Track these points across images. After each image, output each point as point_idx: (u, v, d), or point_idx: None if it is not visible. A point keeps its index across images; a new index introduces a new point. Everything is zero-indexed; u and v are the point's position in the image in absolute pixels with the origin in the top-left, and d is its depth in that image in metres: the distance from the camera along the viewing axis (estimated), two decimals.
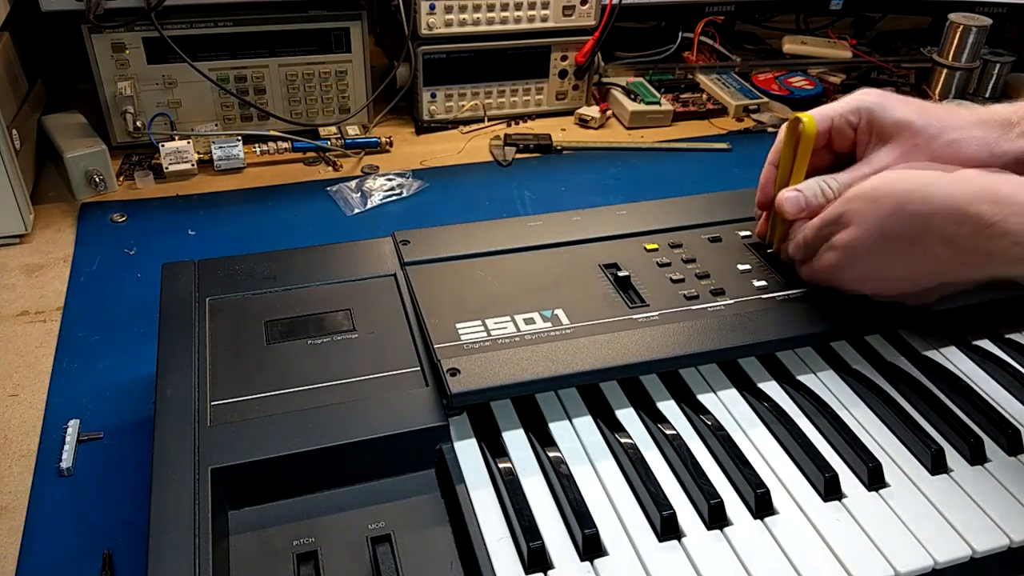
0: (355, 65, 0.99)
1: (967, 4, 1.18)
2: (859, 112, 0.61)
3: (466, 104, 1.06)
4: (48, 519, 0.55)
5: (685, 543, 0.48)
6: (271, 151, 0.97)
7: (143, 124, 0.94)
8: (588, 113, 1.08)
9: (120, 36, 0.90)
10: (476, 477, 0.51)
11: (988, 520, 0.50)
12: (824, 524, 0.49)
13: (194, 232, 0.84)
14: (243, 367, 0.55)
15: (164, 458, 0.48)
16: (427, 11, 0.97)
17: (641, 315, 0.59)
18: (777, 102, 1.14)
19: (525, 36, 1.03)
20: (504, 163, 0.99)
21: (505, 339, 0.56)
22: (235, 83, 0.96)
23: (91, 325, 0.71)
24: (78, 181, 0.88)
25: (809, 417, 0.57)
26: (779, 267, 0.64)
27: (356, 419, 0.51)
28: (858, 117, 0.61)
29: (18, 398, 0.64)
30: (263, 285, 0.61)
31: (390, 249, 0.65)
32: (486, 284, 0.61)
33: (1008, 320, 0.67)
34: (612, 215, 0.70)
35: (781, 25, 1.35)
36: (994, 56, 1.16)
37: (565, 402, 0.57)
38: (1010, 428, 0.55)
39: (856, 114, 0.62)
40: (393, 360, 0.56)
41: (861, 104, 0.61)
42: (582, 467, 0.52)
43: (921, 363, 0.61)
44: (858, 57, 1.24)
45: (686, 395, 0.58)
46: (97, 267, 0.79)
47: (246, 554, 0.47)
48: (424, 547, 0.48)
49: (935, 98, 1.17)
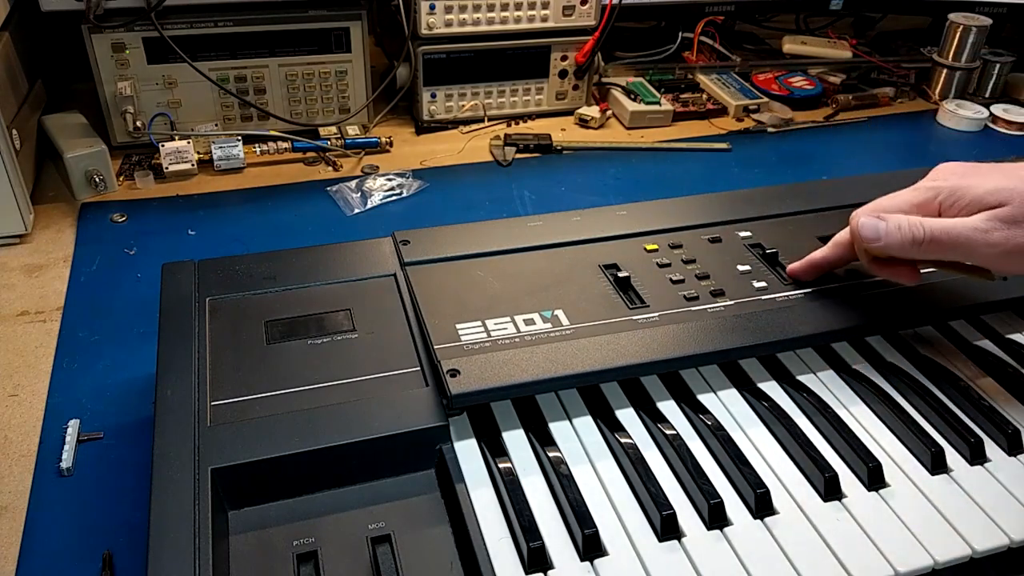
0: (355, 65, 0.99)
1: (967, 4, 1.18)
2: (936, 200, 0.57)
3: (466, 104, 1.06)
4: (48, 519, 0.55)
5: (685, 543, 0.48)
6: (271, 151, 0.97)
7: (143, 124, 0.94)
8: (588, 113, 1.08)
9: (120, 36, 0.90)
10: (476, 477, 0.51)
11: (988, 520, 0.50)
12: (824, 524, 0.49)
13: (194, 232, 0.84)
14: (243, 367, 0.55)
15: (164, 458, 0.48)
16: (427, 11, 0.97)
17: (641, 316, 0.59)
18: (777, 102, 1.14)
19: (525, 36, 1.03)
20: (504, 163, 0.99)
21: (505, 340, 0.56)
22: (235, 83, 0.96)
23: (91, 325, 0.71)
24: (78, 181, 0.88)
25: (809, 417, 0.57)
26: (779, 267, 0.64)
27: (356, 419, 0.51)
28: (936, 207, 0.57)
29: (18, 398, 0.64)
30: (263, 285, 0.61)
31: (390, 249, 0.65)
32: (486, 284, 0.61)
33: (1008, 320, 0.67)
34: (612, 215, 0.70)
35: (781, 25, 1.35)
36: (994, 56, 1.16)
37: (565, 402, 0.57)
38: (1010, 428, 0.55)
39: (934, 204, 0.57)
40: (393, 360, 0.56)
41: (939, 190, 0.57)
42: (582, 467, 0.52)
43: (921, 363, 0.61)
44: (858, 57, 1.24)
45: (686, 395, 0.58)
46: (97, 267, 0.79)
47: (246, 554, 0.47)
48: (424, 547, 0.48)
49: (935, 98, 1.17)
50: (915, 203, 0.57)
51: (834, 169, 1.00)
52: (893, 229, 0.55)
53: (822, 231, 0.67)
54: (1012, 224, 0.53)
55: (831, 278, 0.63)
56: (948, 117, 1.11)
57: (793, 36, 1.29)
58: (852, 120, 1.12)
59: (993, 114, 1.11)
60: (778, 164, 1.01)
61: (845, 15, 1.33)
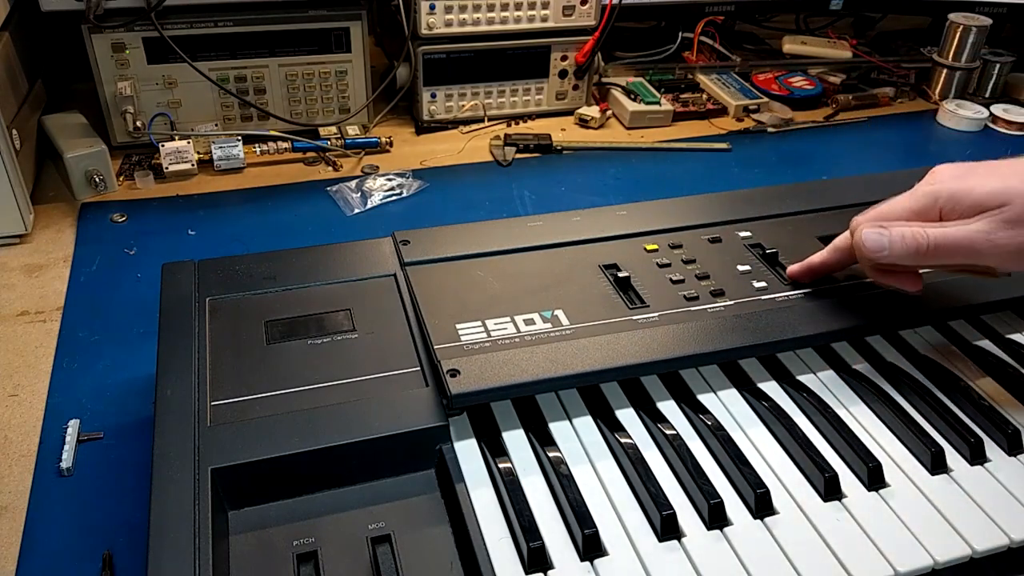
0: (355, 65, 0.99)
1: (967, 4, 1.18)
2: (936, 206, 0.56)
3: (466, 104, 1.06)
4: (48, 519, 0.55)
5: (685, 543, 0.48)
6: (271, 151, 0.97)
7: (143, 124, 0.94)
8: (588, 113, 1.08)
9: (120, 36, 0.90)
10: (476, 477, 0.51)
11: (988, 520, 0.50)
12: (824, 524, 0.49)
13: (194, 232, 0.84)
14: (243, 367, 0.55)
15: (164, 458, 0.48)
16: (427, 11, 0.97)
17: (641, 316, 0.59)
18: (777, 102, 1.14)
19: (525, 36, 1.03)
20: (504, 163, 0.99)
21: (505, 340, 0.56)
22: (235, 83, 0.96)
23: (91, 325, 0.71)
24: (78, 181, 0.88)
25: (809, 417, 0.57)
26: (779, 268, 0.64)
27: (356, 419, 0.51)
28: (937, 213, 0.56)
29: (18, 398, 0.64)
30: (263, 285, 0.61)
31: (390, 249, 0.65)
32: (486, 284, 0.61)
33: (1008, 320, 0.67)
34: (612, 215, 0.70)
35: (781, 25, 1.35)
36: (994, 56, 1.16)
37: (565, 402, 0.57)
38: (1010, 428, 0.55)
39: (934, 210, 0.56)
40: (393, 360, 0.56)
41: (938, 195, 0.56)
42: (582, 467, 0.52)
43: (921, 363, 0.61)
44: (858, 57, 1.24)
45: (686, 395, 0.58)
46: (97, 267, 0.79)
47: (246, 554, 0.47)
48: (424, 547, 0.48)
49: (935, 98, 1.17)
50: (915, 210, 0.57)
51: (834, 169, 1.00)
52: (897, 239, 0.55)
53: (822, 231, 0.67)
54: (1015, 224, 0.53)
55: (831, 278, 0.63)
56: (948, 117, 1.11)
57: (793, 36, 1.29)
58: (852, 120, 1.12)
59: (993, 114, 1.11)
60: (778, 164, 1.01)
61: (845, 15, 1.33)
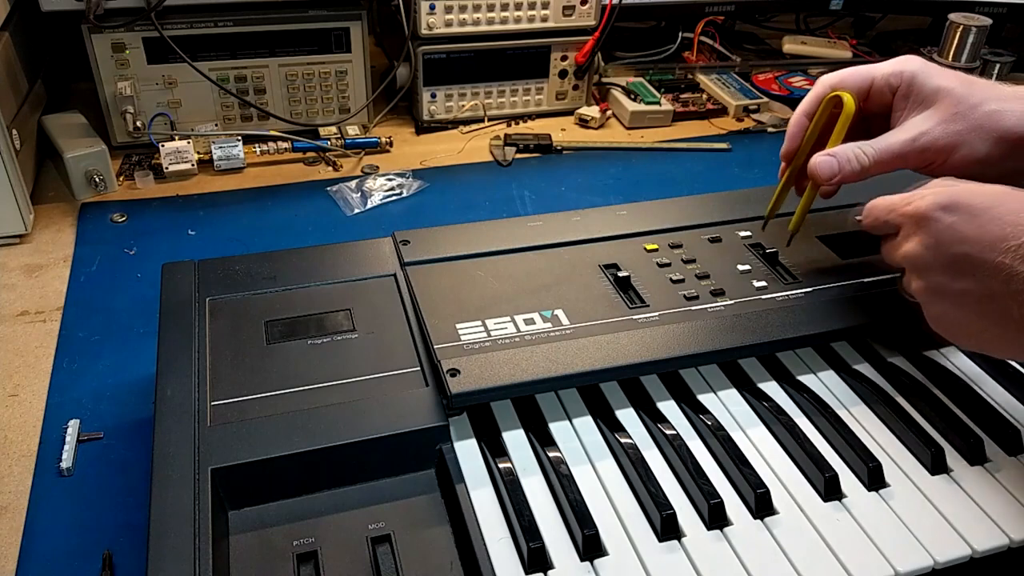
0: (355, 65, 0.99)
1: (967, 4, 1.18)
2: (901, 76, 0.61)
3: (466, 104, 1.06)
4: (48, 519, 0.55)
5: (685, 543, 0.48)
6: (271, 151, 0.97)
7: (143, 124, 0.94)
8: (588, 113, 1.08)
9: (120, 36, 0.90)
10: (476, 477, 0.51)
11: (988, 520, 0.50)
12: (824, 524, 0.49)
13: (194, 232, 0.84)
14: (243, 367, 0.55)
15: (164, 458, 0.48)
16: (427, 11, 0.97)
17: (641, 315, 0.59)
18: (777, 102, 1.14)
19: (525, 36, 1.03)
20: (504, 163, 0.99)
21: (505, 339, 0.56)
22: (235, 83, 0.96)
23: (91, 325, 0.71)
24: (78, 181, 0.88)
25: (809, 417, 0.57)
26: (779, 267, 0.64)
27: (356, 419, 0.51)
28: (899, 80, 0.61)
29: (18, 398, 0.64)
30: (263, 285, 0.61)
31: (390, 249, 0.65)
32: (486, 284, 0.61)
33: None
34: (612, 215, 0.70)
35: (781, 25, 1.35)
36: (994, 56, 1.16)
37: (565, 402, 0.57)
38: (1010, 428, 0.55)
39: (898, 77, 0.61)
40: (393, 360, 0.56)
41: (904, 68, 0.61)
42: (582, 467, 0.52)
43: (921, 363, 0.61)
44: (858, 57, 1.24)
45: (686, 395, 0.58)
46: (97, 267, 0.79)
47: (246, 554, 0.47)
48: (424, 547, 0.48)
49: None
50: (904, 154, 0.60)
51: None
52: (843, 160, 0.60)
53: (822, 231, 0.68)
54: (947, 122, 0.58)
55: (831, 278, 0.63)
56: None
57: (793, 36, 1.29)
58: None
59: None
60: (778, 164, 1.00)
61: (845, 15, 1.33)
